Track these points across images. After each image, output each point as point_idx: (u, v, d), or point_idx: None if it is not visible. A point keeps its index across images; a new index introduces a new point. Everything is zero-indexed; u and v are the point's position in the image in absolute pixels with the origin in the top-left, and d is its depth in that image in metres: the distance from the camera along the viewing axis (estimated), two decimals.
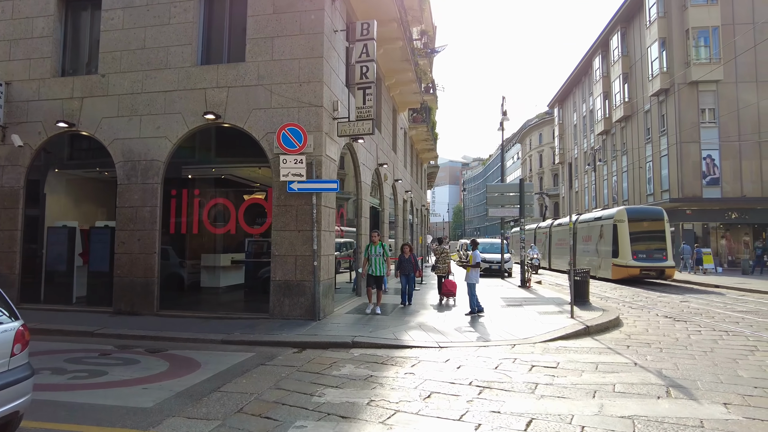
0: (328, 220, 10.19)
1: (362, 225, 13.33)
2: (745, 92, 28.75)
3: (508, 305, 12.03)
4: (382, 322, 9.50)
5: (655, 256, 19.82)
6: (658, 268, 19.72)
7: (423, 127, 24.74)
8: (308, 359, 7.02)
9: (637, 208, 23.64)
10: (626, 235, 20.10)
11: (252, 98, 10.21)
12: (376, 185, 16.48)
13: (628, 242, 19.96)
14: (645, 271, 19.72)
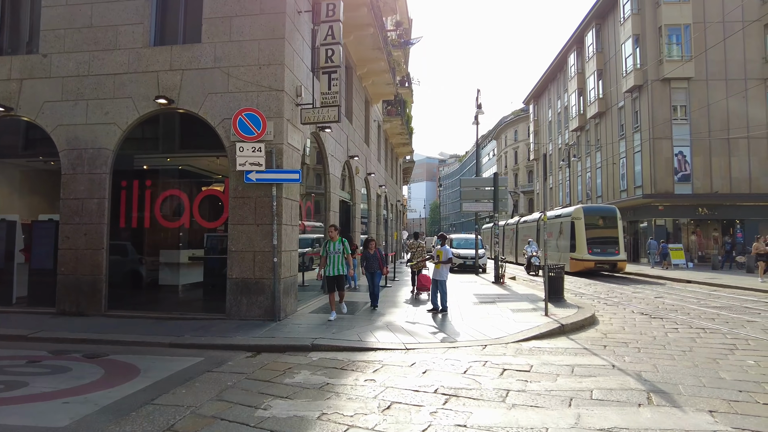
0: (291, 213, 9.53)
1: (331, 219, 12.70)
2: (715, 90, 29.08)
3: (480, 302, 11.59)
4: (348, 322, 8.92)
5: (609, 251, 21.41)
6: (611, 262, 21.27)
7: (397, 121, 24.19)
8: (261, 364, 6.39)
9: (592, 207, 25.18)
10: (582, 232, 21.67)
11: (208, 82, 9.47)
12: (347, 178, 15.86)
13: (584, 238, 21.56)
14: (599, 264, 21.27)
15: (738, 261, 24.34)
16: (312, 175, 12.30)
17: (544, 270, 10.38)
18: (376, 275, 10.81)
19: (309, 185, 12.11)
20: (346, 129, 14.68)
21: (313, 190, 12.45)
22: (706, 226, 30.49)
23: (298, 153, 9.99)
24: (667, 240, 28.48)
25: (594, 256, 21.29)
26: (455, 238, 26.01)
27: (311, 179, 12.31)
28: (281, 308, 8.99)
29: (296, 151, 9.84)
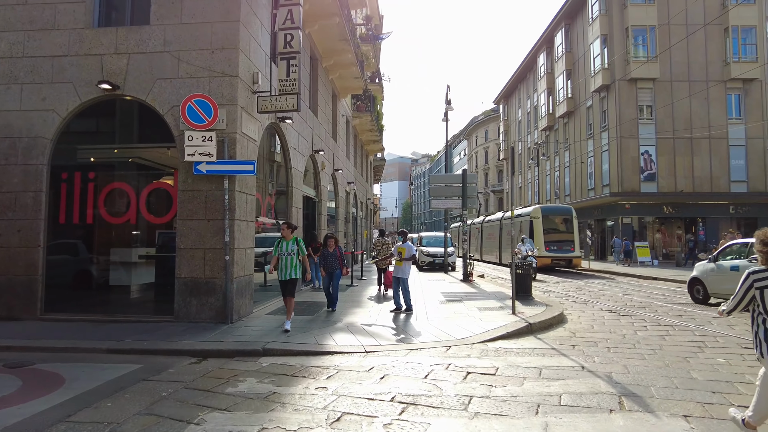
0: (245, 208, 8.93)
1: (293, 216, 12.12)
2: (679, 90, 29.65)
3: (447, 300, 11.21)
4: (306, 324, 8.39)
5: (565, 248, 22.80)
6: (567, 258, 22.68)
7: (367, 117, 23.70)
8: (205, 371, 5.81)
9: (550, 207, 26.55)
10: (540, 230, 22.98)
11: (157, 67, 8.77)
12: (312, 174, 15.28)
13: (542, 236, 22.80)
14: (556, 260, 22.51)
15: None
16: (273, 169, 11.69)
17: (511, 267, 10.06)
18: (335, 276, 9.88)
19: (269, 179, 11.49)
20: (310, 122, 14.11)
21: (274, 185, 11.84)
22: (671, 224, 31.11)
23: (254, 144, 9.38)
24: (633, 238, 28.94)
25: (551, 253, 22.46)
26: (425, 236, 25.73)
27: (272, 173, 11.69)
28: (234, 310, 8.38)
29: (252, 141, 9.24)
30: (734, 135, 29.93)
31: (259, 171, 10.59)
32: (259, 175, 10.52)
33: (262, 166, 10.78)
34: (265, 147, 10.99)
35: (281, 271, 7.96)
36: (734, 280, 11.93)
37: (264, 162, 10.99)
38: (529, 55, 45.70)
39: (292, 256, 7.93)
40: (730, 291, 11.63)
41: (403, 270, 9.67)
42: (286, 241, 8.01)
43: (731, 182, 29.70)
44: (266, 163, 11.22)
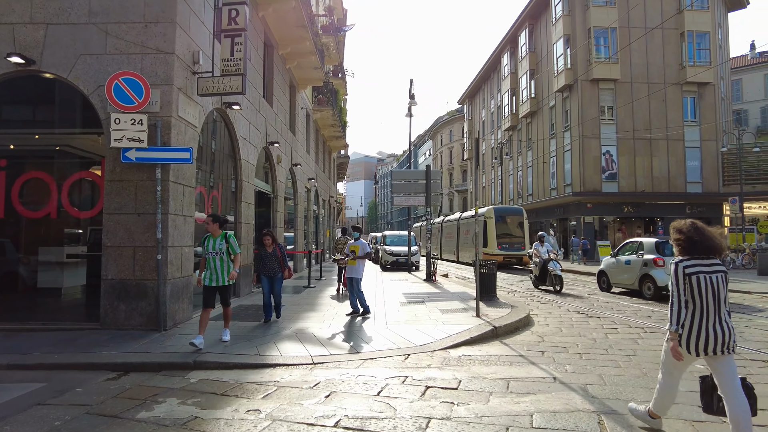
0: (182, 201, 7.97)
1: (243, 212, 11.18)
2: (639, 92, 30.08)
3: (409, 302, 10.54)
4: (251, 331, 7.53)
5: (516, 246, 24.23)
6: (518, 256, 23.90)
7: (329, 111, 22.83)
8: (121, 390, 4.91)
9: (502, 208, 27.86)
10: (493, 230, 24.43)
11: (80, 40, 7.71)
12: (267, 167, 14.34)
13: (494, 235, 24.28)
14: (507, 258, 23.61)
15: None
16: (220, 160, 10.72)
17: (475, 267, 9.48)
18: (276, 280, 8.32)
19: (215, 171, 10.51)
20: (264, 111, 13.17)
21: (222, 178, 10.85)
22: (631, 223, 31.58)
23: (194, 130, 8.43)
24: (594, 237, 29.19)
25: (503, 251, 23.73)
26: (388, 235, 25.06)
27: (220, 164, 10.71)
28: (168, 315, 7.44)
29: (191, 127, 8.28)
30: (690, 137, 30.64)
31: (203, 162, 9.64)
32: (203, 166, 9.57)
33: (205, 156, 9.82)
34: (210, 135, 10.03)
35: (208, 274, 6.56)
36: (627, 272, 13.04)
37: (208, 152, 10.03)
38: (494, 54, 45.79)
39: (221, 256, 6.54)
40: (625, 280, 13.10)
41: (357, 269, 8.93)
42: (213, 238, 6.61)
43: (687, 183, 30.39)
44: (211, 153, 10.25)
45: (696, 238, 3.42)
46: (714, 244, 3.43)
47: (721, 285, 3.35)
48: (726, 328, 3.31)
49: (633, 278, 12.49)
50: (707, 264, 3.38)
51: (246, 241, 11.39)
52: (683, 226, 3.53)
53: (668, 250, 11.78)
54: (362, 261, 9.01)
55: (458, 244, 30.40)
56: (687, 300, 3.36)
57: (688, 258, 3.42)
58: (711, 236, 3.45)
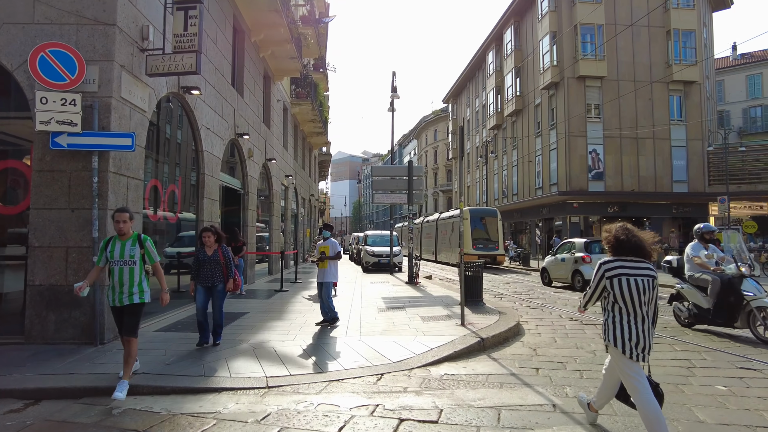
0: (125, 195, 6.96)
1: (205, 208, 10.18)
2: (625, 90, 29.64)
3: (388, 308, 9.64)
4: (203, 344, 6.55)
5: (490, 246, 25.11)
6: (492, 256, 24.79)
7: (308, 105, 21.83)
8: (20, 428, 3.92)
9: (477, 209, 28.23)
10: (469, 230, 24.99)
11: (3, 7, 6.66)
12: (236, 162, 13.33)
13: (470, 235, 24.88)
14: (482, 258, 23.19)
15: None
16: (179, 151, 9.70)
17: (460, 269, 8.61)
18: (216, 293, 6.50)
19: (172, 163, 9.48)
20: (233, 100, 12.17)
21: (181, 171, 9.83)
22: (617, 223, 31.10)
23: (142, 114, 7.41)
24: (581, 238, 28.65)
25: (478, 251, 24.22)
26: (370, 235, 24.18)
27: (178, 156, 9.69)
28: (107, 327, 6.43)
29: (138, 111, 7.27)
30: (676, 136, 30.32)
31: (157, 152, 8.62)
32: (157, 157, 8.56)
33: (160, 145, 8.80)
34: (165, 122, 9.01)
35: (111, 291, 4.86)
36: (563, 268, 14.72)
37: (163, 141, 9.00)
38: (478, 52, 45.19)
39: (131, 267, 4.82)
40: (562, 275, 14.53)
41: (328, 273, 8.00)
42: (121, 241, 4.90)
43: (673, 182, 30.04)
44: (167, 143, 9.22)
45: (622, 237, 3.42)
46: (641, 245, 3.40)
47: (646, 288, 3.31)
48: (648, 329, 3.32)
49: (567, 273, 14.25)
50: (632, 266, 3.35)
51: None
52: (612, 227, 3.54)
53: (596, 248, 13.60)
54: (333, 263, 8.08)
55: (437, 245, 31.45)
56: (614, 303, 3.39)
57: (613, 259, 3.44)
58: (639, 238, 3.43)
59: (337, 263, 8.16)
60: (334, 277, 8.04)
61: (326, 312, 7.91)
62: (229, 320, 8.19)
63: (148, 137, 8.16)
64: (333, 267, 8.04)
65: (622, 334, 3.32)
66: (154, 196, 8.51)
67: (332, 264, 8.01)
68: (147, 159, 8.06)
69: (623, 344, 3.30)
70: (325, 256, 7.97)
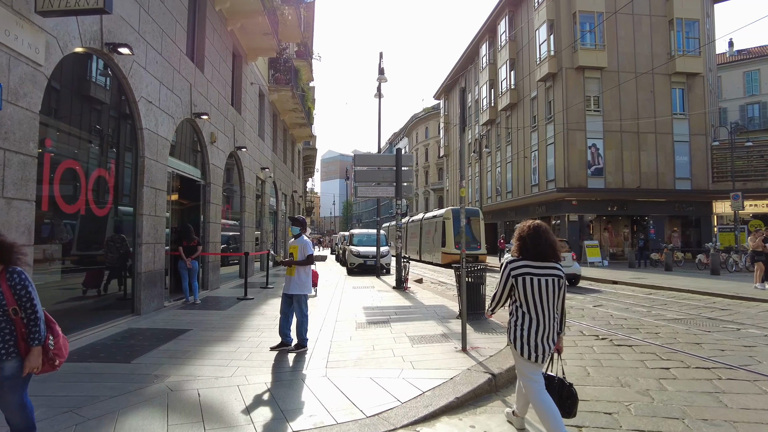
0: (1, 174, 5.06)
1: (145, 199, 8.27)
2: (626, 82, 28.10)
3: (369, 322, 7.80)
4: (100, 383, 4.68)
5: (472, 246, 24.56)
6: (474, 255, 23.86)
7: (287, 92, 19.91)
8: None
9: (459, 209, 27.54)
10: (451, 230, 25.42)
11: None
12: (194, 146, 11.43)
13: (452, 235, 25.24)
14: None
15: (652, 258, 23.10)
16: (113, 127, 7.78)
17: (461, 274, 6.81)
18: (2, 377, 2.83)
19: (102, 142, 7.55)
20: (189, 74, 10.28)
21: (118, 153, 7.91)
22: (617, 222, 29.62)
23: (34, 68, 5.48)
24: (580, 237, 27.09)
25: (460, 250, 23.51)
26: (356, 234, 22.36)
27: (112, 133, 7.77)
28: None
29: (24, 61, 5.34)
30: (678, 130, 28.86)
31: (80, 126, 6.72)
32: (69, 130, 6.64)
33: (79, 117, 6.88)
34: (83, 87, 7.08)
35: None
36: None
37: (85, 113, 7.08)
38: (471, 45, 43.54)
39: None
40: None
41: (299, 282, 6.13)
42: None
43: (676, 179, 28.58)
44: (92, 115, 7.31)
45: (528, 241, 3.36)
46: (546, 252, 3.33)
47: (552, 288, 3.26)
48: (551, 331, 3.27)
49: None
50: (538, 266, 3.31)
51: (152, 239, 8.48)
52: (524, 226, 3.47)
53: None
54: (305, 270, 6.21)
55: (421, 244, 31.76)
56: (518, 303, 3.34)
57: (518, 258, 3.39)
58: (546, 242, 3.34)
59: (309, 270, 6.30)
60: (305, 288, 6.17)
61: (286, 332, 6.06)
62: (163, 340, 6.32)
63: (58, 104, 6.27)
64: (304, 275, 6.18)
65: (521, 335, 3.26)
66: (72, 179, 6.61)
67: (303, 271, 6.16)
68: (54, 132, 6.17)
69: (521, 346, 3.24)
70: (292, 260, 6.11)
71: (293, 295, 6.12)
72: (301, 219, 6.38)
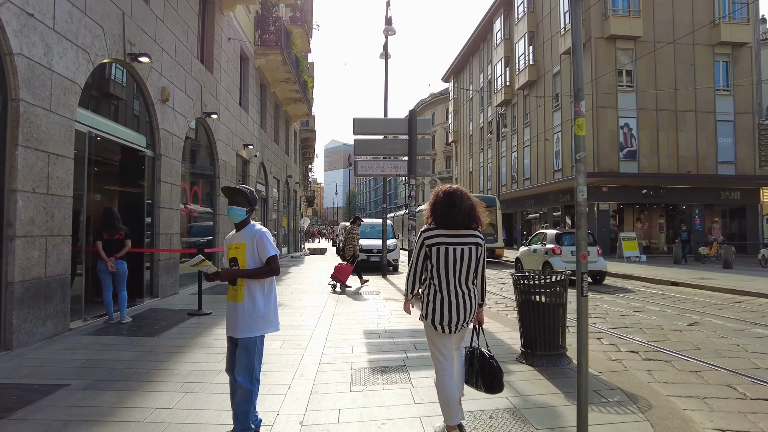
0: None
1: (19, 168, 5.28)
2: (663, 54, 24.83)
3: (373, 369, 4.71)
4: None
5: (488, 239, 22.69)
6: (490, 249, 21.85)
7: (277, 56, 16.82)
8: None
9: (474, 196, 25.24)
10: None
11: None
12: (133, 101, 8.43)
13: None
14: None
15: (701, 253, 20.00)
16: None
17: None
18: None
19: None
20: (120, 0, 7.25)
21: None
22: (651, 211, 26.48)
23: None
24: (610, 228, 24.07)
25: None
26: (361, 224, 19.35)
27: None
28: None
29: None
30: (722, 108, 25.62)
31: None
32: None
33: None
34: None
35: None
36: (534, 259, 14.51)
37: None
38: (484, 21, 40.18)
39: None
40: (533, 266, 14.27)
41: (248, 314, 3.11)
42: None
43: (718, 164, 25.39)
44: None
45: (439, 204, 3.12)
46: (460, 218, 3.06)
47: (465, 257, 3.04)
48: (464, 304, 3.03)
49: (538, 265, 13.91)
50: (453, 234, 3.06)
51: (40, 230, 5.51)
52: (437, 191, 3.20)
53: (566, 240, 13.43)
54: (260, 287, 3.17)
55: None
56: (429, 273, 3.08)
57: (433, 228, 3.11)
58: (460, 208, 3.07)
59: (273, 284, 3.30)
60: (265, 324, 3.16)
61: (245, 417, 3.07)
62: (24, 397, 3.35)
63: None
64: (261, 296, 3.16)
65: (434, 308, 3.03)
66: None
67: (257, 289, 3.16)
68: None
69: (433, 318, 3.03)
70: (236, 271, 3.14)
71: (239, 340, 3.11)
72: (247, 192, 3.31)
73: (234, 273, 3.11)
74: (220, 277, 3.10)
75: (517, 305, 4.88)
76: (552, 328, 4.61)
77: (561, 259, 13.07)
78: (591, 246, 13.47)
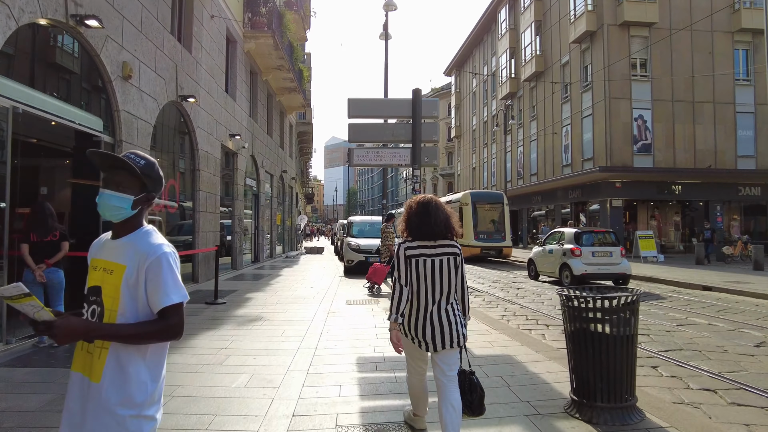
0: None
1: None
2: (679, 42, 23.44)
3: (365, 424, 3.48)
4: None
5: (495, 237, 21.10)
6: (497, 248, 20.86)
7: (268, 38, 15.46)
8: None
9: (480, 193, 24.72)
10: (470, 217, 21.07)
11: None
12: (87, 77, 7.11)
13: (471, 224, 20.91)
14: (486, 250, 20.68)
15: (725, 253, 18.66)
16: None
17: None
18: None
19: None
20: None
21: None
22: (666, 208, 25.12)
23: None
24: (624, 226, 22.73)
25: (480, 243, 20.67)
26: (357, 222, 18.08)
27: None
28: None
29: None
30: (742, 100, 24.24)
31: None
32: None
33: None
34: None
35: None
36: (550, 261, 13.12)
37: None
38: (488, 11, 38.82)
39: None
40: (548, 269, 13.42)
41: (98, 409, 1.57)
42: None
43: (738, 158, 24.03)
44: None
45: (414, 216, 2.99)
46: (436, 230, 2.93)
47: (445, 267, 2.89)
48: (447, 319, 2.84)
49: (555, 267, 12.72)
50: (431, 245, 2.93)
51: None
52: (411, 203, 3.07)
53: (586, 240, 12.26)
54: (137, 355, 1.64)
55: None
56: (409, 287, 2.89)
57: (410, 240, 2.98)
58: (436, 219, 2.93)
59: (165, 353, 1.77)
60: (135, 427, 1.62)
61: None
62: None
63: None
64: (138, 375, 1.63)
65: (409, 322, 2.89)
66: None
67: (134, 359, 1.63)
68: None
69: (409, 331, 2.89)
70: (94, 327, 1.58)
71: None
72: (140, 164, 1.67)
73: (88, 329, 1.56)
74: (56, 335, 1.49)
75: (566, 336, 3.55)
76: (618, 369, 3.29)
77: (581, 261, 11.83)
78: (614, 246, 12.30)
